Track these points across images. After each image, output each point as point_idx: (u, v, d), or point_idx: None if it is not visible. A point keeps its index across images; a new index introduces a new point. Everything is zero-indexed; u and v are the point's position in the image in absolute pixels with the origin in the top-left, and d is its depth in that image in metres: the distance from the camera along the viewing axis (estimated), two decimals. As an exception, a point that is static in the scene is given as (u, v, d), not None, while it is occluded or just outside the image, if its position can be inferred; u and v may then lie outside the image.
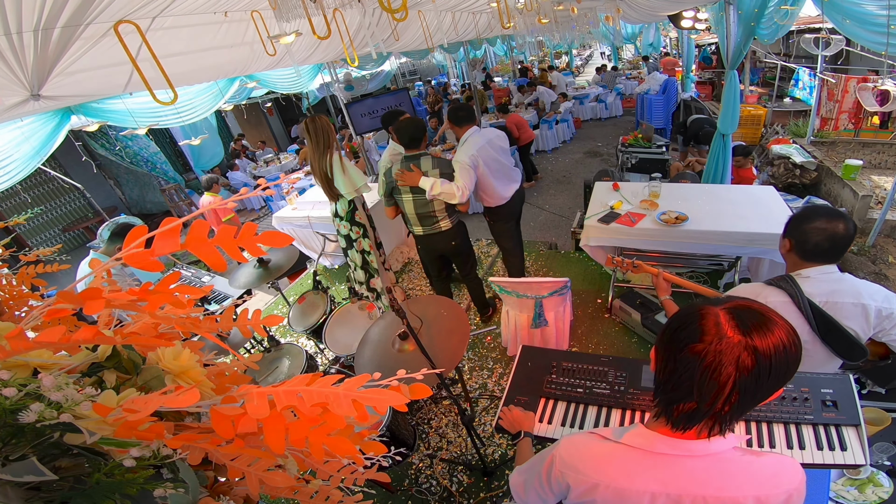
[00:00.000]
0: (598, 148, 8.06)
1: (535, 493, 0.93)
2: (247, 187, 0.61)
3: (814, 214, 1.33)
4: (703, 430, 0.73)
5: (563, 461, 0.84)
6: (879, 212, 3.93)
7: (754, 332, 0.66)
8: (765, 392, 0.68)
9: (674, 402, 0.72)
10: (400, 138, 2.69)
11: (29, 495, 0.46)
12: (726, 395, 0.67)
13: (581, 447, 0.84)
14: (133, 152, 7.16)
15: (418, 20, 4.35)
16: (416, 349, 1.58)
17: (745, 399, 0.67)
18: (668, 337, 0.74)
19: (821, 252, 1.31)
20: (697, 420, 0.72)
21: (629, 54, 16.16)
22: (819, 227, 1.30)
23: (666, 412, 0.75)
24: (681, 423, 0.73)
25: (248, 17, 2.61)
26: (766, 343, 0.65)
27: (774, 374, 0.66)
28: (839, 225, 1.27)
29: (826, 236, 1.28)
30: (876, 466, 1.54)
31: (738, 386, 0.66)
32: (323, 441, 0.51)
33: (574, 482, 0.82)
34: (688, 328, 0.70)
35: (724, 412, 0.69)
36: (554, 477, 0.86)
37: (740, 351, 0.65)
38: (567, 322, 2.83)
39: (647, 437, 0.77)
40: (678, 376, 0.70)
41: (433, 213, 2.73)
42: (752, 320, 0.67)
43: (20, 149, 2.90)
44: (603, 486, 0.78)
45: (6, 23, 1.50)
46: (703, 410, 0.69)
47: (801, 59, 7.37)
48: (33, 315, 0.57)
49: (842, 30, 3.10)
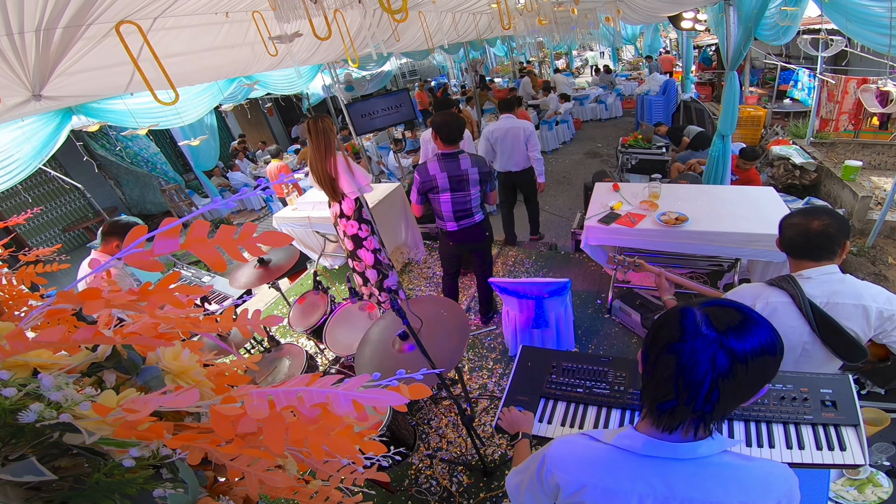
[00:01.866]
0: (598, 149, 8.07)
1: (530, 494, 0.93)
2: (276, 184, 0.61)
3: (796, 212, 1.35)
4: (688, 430, 0.73)
5: (553, 462, 0.85)
6: (879, 213, 3.93)
7: (730, 331, 0.67)
8: (746, 391, 0.69)
9: (656, 401, 0.73)
10: (438, 134, 2.62)
11: (29, 495, 0.46)
12: (705, 392, 0.67)
13: (571, 448, 0.85)
14: (133, 152, 7.17)
15: (418, 21, 4.35)
16: (417, 349, 1.58)
17: (726, 397, 0.68)
18: (650, 337, 0.75)
19: (796, 248, 1.33)
20: (680, 419, 0.72)
21: (629, 55, 16.15)
22: (793, 222, 1.32)
23: (651, 411, 0.75)
24: (664, 422, 0.74)
25: (249, 17, 2.61)
26: (742, 341, 0.66)
27: (752, 373, 0.67)
28: (814, 222, 1.29)
29: (798, 231, 1.30)
30: (875, 467, 1.54)
31: (716, 384, 0.67)
32: (323, 441, 0.51)
33: (563, 483, 0.82)
34: (667, 327, 0.72)
35: (706, 411, 0.69)
36: (544, 477, 0.86)
37: (716, 349, 0.66)
38: (569, 322, 2.83)
39: (634, 439, 0.78)
40: (659, 374, 0.71)
41: (470, 208, 2.76)
42: (730, 319, 0.68)
43: (21, 149, 2.91)
44: (591, 488, 0.79)
45: (8, 23, 1.50)
46: (683, 408, 0.70)
47: (800, 60, 7.37)
48: (33, 315, 0.57)
49: (844, 30, 3.10)
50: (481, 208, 2.84)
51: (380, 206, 4.08)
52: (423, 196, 2.76)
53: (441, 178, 2.64)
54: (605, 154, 7.74)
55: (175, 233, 0.49)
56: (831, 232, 1.27)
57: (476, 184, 2.67)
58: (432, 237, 4.95)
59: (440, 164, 2.63)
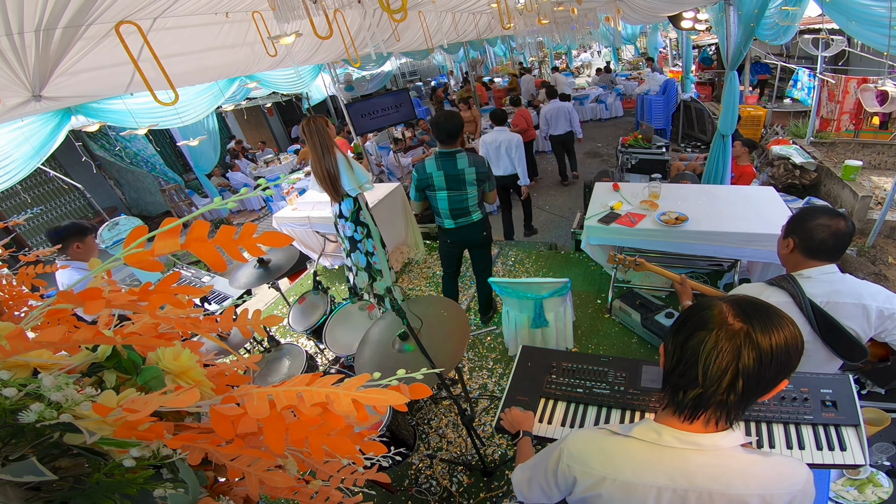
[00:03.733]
0: (599, 148, 8.06)
1: (540, 488, 0.93)
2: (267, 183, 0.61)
3: (816, 213, 1.35)
4: (710, 420, 0.74)
5: (571, 454, 0.85)
6: (879, 212, 3.93)
7: (755, 321, 0.69)
8: (768, 382, 0.70)
9: (680, 389, 0.74)
10: (436, 133, 2.62)
11: (29, 495, 0.46)
12: (729, 381, 0.69)
13: (589, 441, 0.85)
14: (133, 153, 7.17)
15: (418, 21, 4.35)
16: (417, 349, 1.58)
17: (749, 388, 0.69)
18: (676, 328, 0.77)
19: (825, 249, 1.33)
20: (703, 407, 0.73)
21: (629, 55, 16.13)
22: (823, 223, 1.31)
23: (673, 401, 0.76)
24: (687, 411, 0.74)
25: (248, 17, 2.61)
26: (766, 332, 0.68)
27: (776, 363, 0.68)
28: (841, 222, 1.30)
29: (830, 233, 1.30)
30: (875, 467, 1.54)
31: (740, 373, 0.68)
32: (323, 441, 0.51)
33: (580, 475, 0.82)
34: (695, 318, 0.74)
35: (730, 401, 0.70)
36: (560, 471, 0.86)
37: (741, 338, 0.68)
38: (569, 322, 2.83)
39: (655, 430, 0.78)
40: (685, 363, 0.72)
41: (467, 207, 2.76)
42: (756, 312, 0.70)
43: (20, 149, 2.91)
44: (609, 480, 0.79)
45: (8, 23, 1.50)
46: (707, 396, 0.71)
47: (800, 60, 7.37)
48: (33, 315, 0.57)
49: (846, 29, 3.09)
50: (480, 208, 2.84)
51: (380, 206, 4.08)
52: (422, 193, 2.77)
53: (437, 177, 2.65)
54: (605, 154, 7.73)
55: (175, 233, 0.49)
56: (853, 232, 1.31)
57: (473, 183, 2.66)
58: (432, 237, 4.96)
59: (437, 162, 2.64)
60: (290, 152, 9.86)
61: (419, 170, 2.70)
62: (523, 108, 6.53)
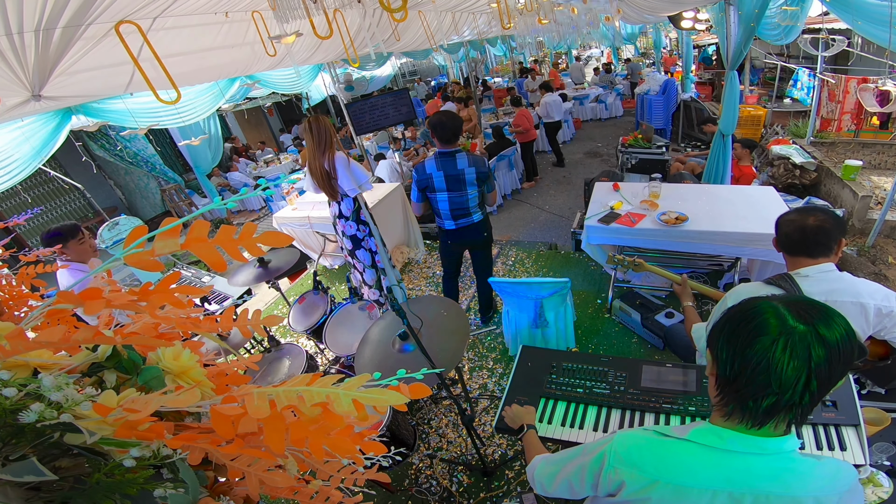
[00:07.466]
0: (599, 148, 8.06)
1: (568, 485, 0.93)
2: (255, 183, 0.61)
3: (792, 211, 1.37)
4: (779, 424, 0.73)
5: (620, 458, 0.83)
6: (879, 212, 3.93)
7: (817, 319, 0.68)
8: (835, 379, 0.70)
9: (749, 398, 0.72)
10: (436, 133, 2.63)
11: (29, 495, 0.46)
12: (804, 383, 0.68)
13: (641, 444, 0.83)
14: (133, 153, 7.17)
15: (419, 20, 4.35)
16: (417, 349, 1.58)
17: (822, 386, 0.69)
18: (728, 334, 0.75)
19: (792, 244, 1.34)
20: (777, 412, 0.72)
21: (629, 54, 16.12)
22: (791, 218, 1.34)
23: (742, 409, 0.74)
24: (759, 418, 0.73)
25: (248, 17, 2.61)
26: (830, 330, 0.68)
27: (843, 357, 0.68)
28: (810, 218, 1.31)
29: (795, 227, 1.32)
30: (876, 466, 1.54)
31: (814, 374, 0.67)
32: (323, 441, 0.51)
33: (630, 479, 0.81)
34: (752, 322, 0.72)
35: (804, 402, 0.70)
36: (605, 473, 0.84)
37: (811, 339, 0.67)
38: (569, 322, 2.83)
39: (717, 435, 0.77)
40: (751, 371, 0.70)
41: (468, 208, 2.76)
42: (811, 309, 0.70)
43: (21, 149, 2.91)
44: (662, 484, 0.77)
45: (7, 23, 1.50)
46: (783, 402, 0.70)
47: (799, 59, 7.37)
48: (33, 315, 0.57)
49: (853, 26, 3.08)
50: (480, 208, 2.84)
51: (380, 205, 4.08)
52: (423, 194, 2.77)
53: (437, 177, 2.65)
54: (605, 154, 7.73)
55: (175, 233, 0.49)
56: (827, 227, 1.29)
57: (473, 184, 2.66)
58: (432, 237, 4.96)
59: (437, 162, 2.63)
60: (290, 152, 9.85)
61: (419, 170, 2.70)
62: (524, 109, 6.52)
